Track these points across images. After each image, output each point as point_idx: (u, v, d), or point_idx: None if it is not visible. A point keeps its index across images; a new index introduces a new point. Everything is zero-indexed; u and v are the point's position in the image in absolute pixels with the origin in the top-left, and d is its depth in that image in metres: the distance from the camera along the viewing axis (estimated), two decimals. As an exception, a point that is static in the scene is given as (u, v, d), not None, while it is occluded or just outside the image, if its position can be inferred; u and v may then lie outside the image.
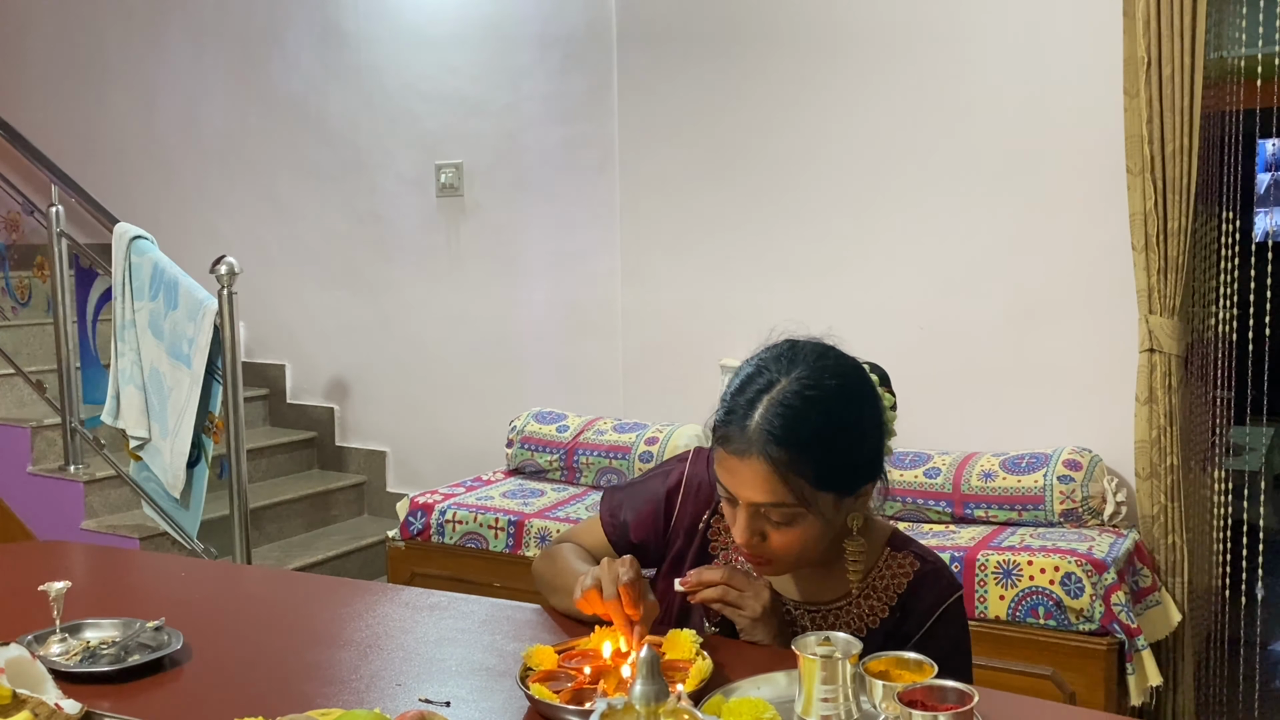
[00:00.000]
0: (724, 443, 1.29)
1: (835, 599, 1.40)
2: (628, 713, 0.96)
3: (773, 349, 1.33)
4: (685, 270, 3.71)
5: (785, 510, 1.27)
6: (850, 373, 1.33)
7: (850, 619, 1.39)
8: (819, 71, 3.44)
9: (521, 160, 4.02)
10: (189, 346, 3.23)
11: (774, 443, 1.24)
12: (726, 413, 1.30)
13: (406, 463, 4.37)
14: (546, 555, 1.58)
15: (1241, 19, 2.95)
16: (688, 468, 1.52)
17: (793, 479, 1.25)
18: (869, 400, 1.33)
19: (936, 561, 1.41)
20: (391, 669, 1.36)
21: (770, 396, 1.26)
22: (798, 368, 1.28)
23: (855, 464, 1.30)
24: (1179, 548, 2.88)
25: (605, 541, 1.55)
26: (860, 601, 1.39)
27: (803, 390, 1.26)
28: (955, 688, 1.08)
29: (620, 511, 1.55)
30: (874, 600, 1.39)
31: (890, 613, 1.38)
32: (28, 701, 1.17)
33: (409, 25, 4.19)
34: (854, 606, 1.39)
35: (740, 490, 1.28)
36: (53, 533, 3.70)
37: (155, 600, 1.70)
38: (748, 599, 1.33)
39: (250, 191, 4.65)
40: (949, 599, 1.38)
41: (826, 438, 1.26)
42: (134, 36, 4.89)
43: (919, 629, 1.36)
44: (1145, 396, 2.89)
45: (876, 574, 1.39)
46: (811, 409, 1.26)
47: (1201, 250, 3.00)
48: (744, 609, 1.33)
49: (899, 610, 1.38)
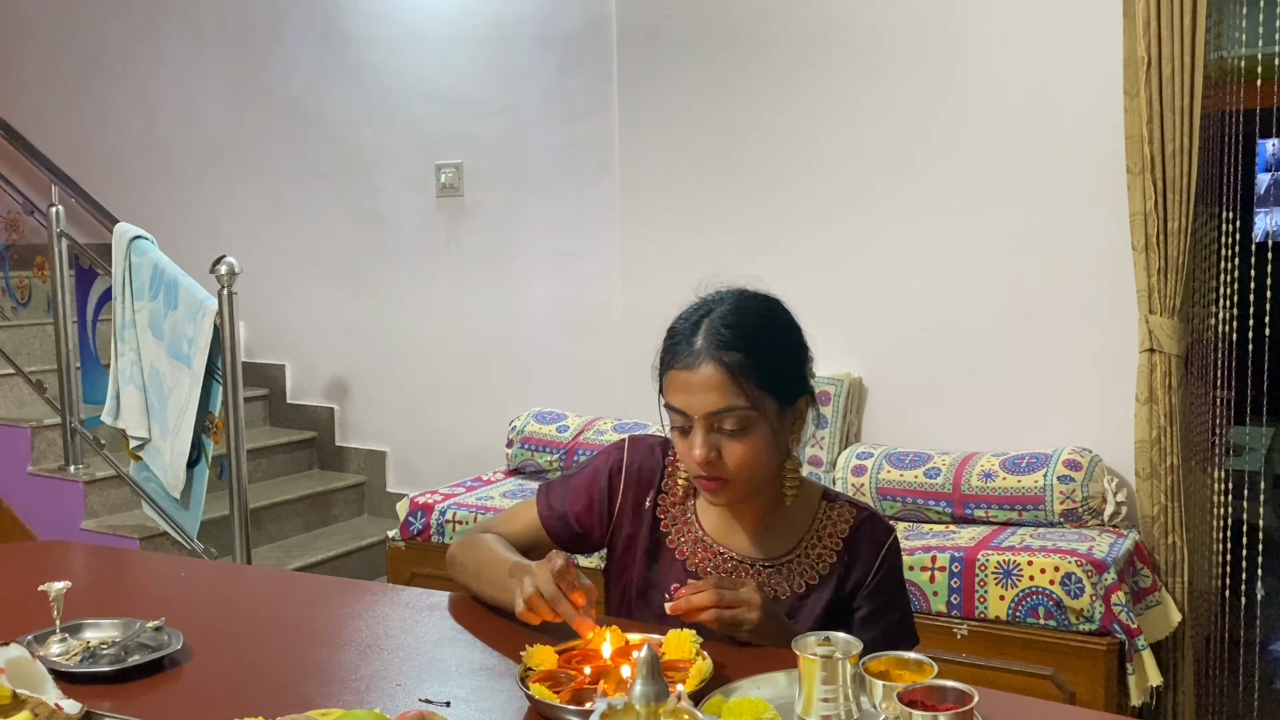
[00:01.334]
0: (672, 364, 1.42)
1: (786, 552, 1.50)
2: (628, 713, 0.96)
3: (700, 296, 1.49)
4: (685, 270, 3.69)
5: (738, 415, 1.38)
6: (772, 298, 1.50)
7: (803, 568, 1.49)
8: (819, 71, 3.44)
9: (521, 160, 4.02)
10: (189, 346, 3.23)
11: (722, 347, 1.38)
12: (670, 340, 1.44)
13: (406, 463, 4.37)
14: (467, 544, 1.60)
15: (1241, 19, 2.95)
16: (625, 454, 1.59)
17: (742, 380, 1.37)
18: (792, 318, 1.49)
19: (868, 508, 1.55)
20: (391, 669, 1.36)
21: (710, 318, 1.42)
22: (728, 298, 1.46)
23: (791, 370, 1.45)
24: (1179, 548, 2.88)
25: (539, 531, 1.59)
26: (808, 551, 1.50)
27: (737, 307, 1.44)
28: (955, 688, 1.09)
29: (560, 503, 1.59)
30: (820, 548, 1.50)
31: (837, 558, 1.49)
32: (28, 701, 1.17)
33: (409, 25, 4.19)
34: (803, 557, 1.50)
35: (695, 400, 1.38)
36: (53, 533, 3.70)
37: (155, 600, 1.70)
38: (741, 614, 1.34)
39: (250, 191, 4.65)
40: (887, 540, 1.51)
41: (765, 341, 1.41)
42: (134, 37, 4.89)
43: (869, 571, 1.49)
44: (1145, 396, 2.89)
45: (818, 524, 1.51)
46: (748, 318, 1.42)
47: (1201, 250, 3.00)
48: (741, 623, 1.34)
49: (845, 554, 1.49)
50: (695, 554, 1.51)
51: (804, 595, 1.47)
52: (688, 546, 1.52)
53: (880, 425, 3.43)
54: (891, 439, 3.37)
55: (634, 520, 1.55)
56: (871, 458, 3.18)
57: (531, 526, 1.60)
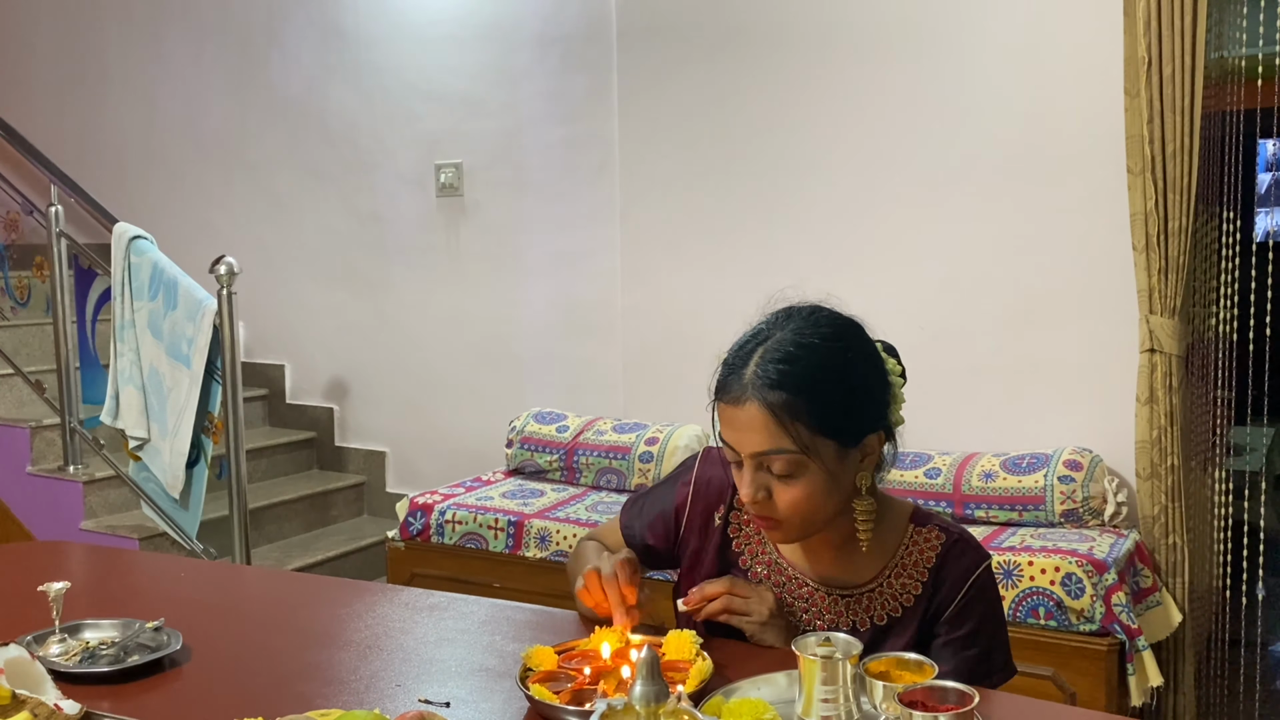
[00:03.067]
0: (722, 396, 1.32)
1: (868, 580, 1.39)
2: (628, 713, 0.96)
3: (770, 313, 1.38)
4: (685, 270, 3.71)
5: (786, 459, 1.27)
6: (844, 322, 1.36)
7: (885, 599, 1.37)
8: (819, 71, 3.44)
9: (521, 160, 4.02)
10: (188, 346, 3.23)
11: (768, 387, 1.27)
12: (724, 369, 1.33)
13: (406, 463, 4.37)
14: (574, 553, 1.62)
15: (1242, 19, 2.95)
16: (697, 468, 1.52)
17: (789, 423, 1.26)
18: (863, 348, 1.36)
19: (963, 532, 1.41)
20: (391, 669, 1.36)
21: (765, 347, 1.30)
22: (792, 322, 1.33)
23: (852, 409, 1.31)
24: (1179, 548, 2.88)
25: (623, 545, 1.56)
26: (892, 581, 1.38)
27: (796, 338, 1.30)
28: (955, 688, 1.08)
29: (636, 519, 1.56)
30: (905, 578, 1.37)
31: (923, 588, 1.37)
32: (27, 702, 1.17)
33: (409, 25, 4.19)
34: (886, 586, 1.38)
35: (740, 439, 1.30)
36: (52, 533, 3.70)
37: (155, 600, 1.70)
38: (753, 604, 1.33)
39: (250, 191, 4.65)
40: (980, 567, 1.37)
41: (820, 380, 1.28)
42: (134, 37, 4.89)
43: (953, 598, 1.35)
44: (1146, 397, 2.89)
45: (904, 551, 1.38)
46: (804, 353, 1.29)
47: (1202, 250, 3.00)
48: (750, 614, 1.33)
49: (931, 585, 1.36)
50: (767, 575, 1.43)
51: (886, 628, 1.37)
52: (762, 569, 1.44)
53: (880, 425, 3.42)
54: (892, 439, 3.36)
55: (701, 535, 1.49)
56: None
57: (619, 541, 1.57)
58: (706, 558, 1.47)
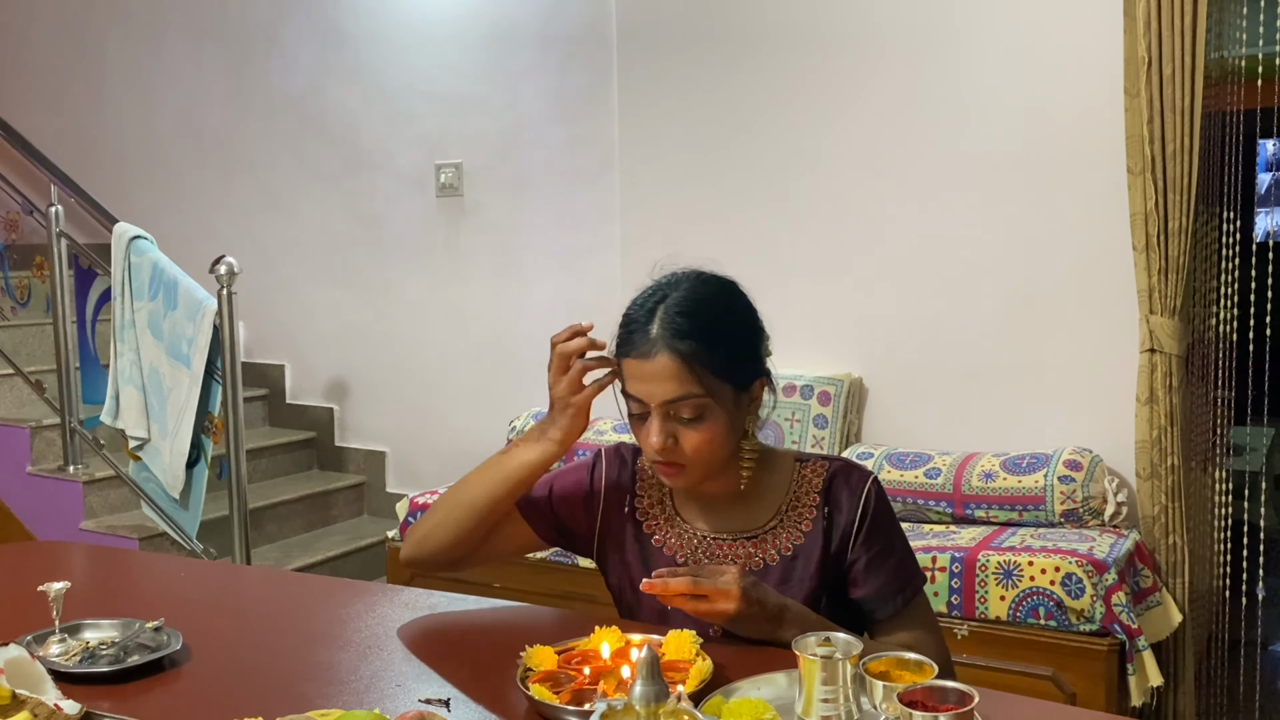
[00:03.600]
0: (628, 351, 1.41)
1: (766, 521, 1.50)
2: (628, 713, 0.96)
3: (656, 279, 1.48)
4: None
5: (694, 403, 1.38)
6: (727, 281, 1.49)
7: (786, 532, 1.48)
8: (819, 71, 3.44)
9: (521, 160, 4.02)
10: (188, 346, 3.23)
11: (677, 336, 1.38)
12: (626, 328, 1.43)
13: (406, 463, 4.37)
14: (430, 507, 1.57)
15: (1242, 19, 2.95)
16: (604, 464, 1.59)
17: (698, 368, 1.37)
18: (747, 302, 1.48)
19: (843, 459, 1.54)
20: (391, 669, 1.36)
21: (665, 305, 1.41)
22: (683, 282, 1.45)
23: (746, 355, 1.45)
24: (1180, 548, 2.88)
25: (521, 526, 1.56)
26: (788, 514, 1.49)
27: (692, 293, 1.43)
28: (956, 688, 1.08)
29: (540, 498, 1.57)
30: (800, 508, 1.49)
31: (816, 512, 1.48)
32: (27, 702, 1.17)
33: (409, 25, 4.19)
34: (785, 521, 1.49)
35: (651, 389, 1.39)
36: (52, 533, 3.70)
37: (155, 600, 1.70)
38: (719, 604, 1.32)
39: (250, 191, 4.65)
40: (866, 483, 1.48)
41: (720, 327, 1.41)
42: (134, 37, 4.89)
43: (854, 519, 1.46)
44: (1146, 397, 2.88)
45: (794, 486, 1.50)
46: (703, 306, 1.41)
47: (1202, 250, 3.00)
48: (717, 614, 1.33)
49: (824, 508, 1.48)
50: (678, 542, 1.51)
51: (793, 557, 1.46)
52: (674, 540, 1.52)
53: (880, 425, 3.43)
54: (891, 439, 3.37)
55: (618, 526, 1.56)
56: (871, 458, 3.17)
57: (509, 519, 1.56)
58: (626, 546, 1.55)
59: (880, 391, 3.44)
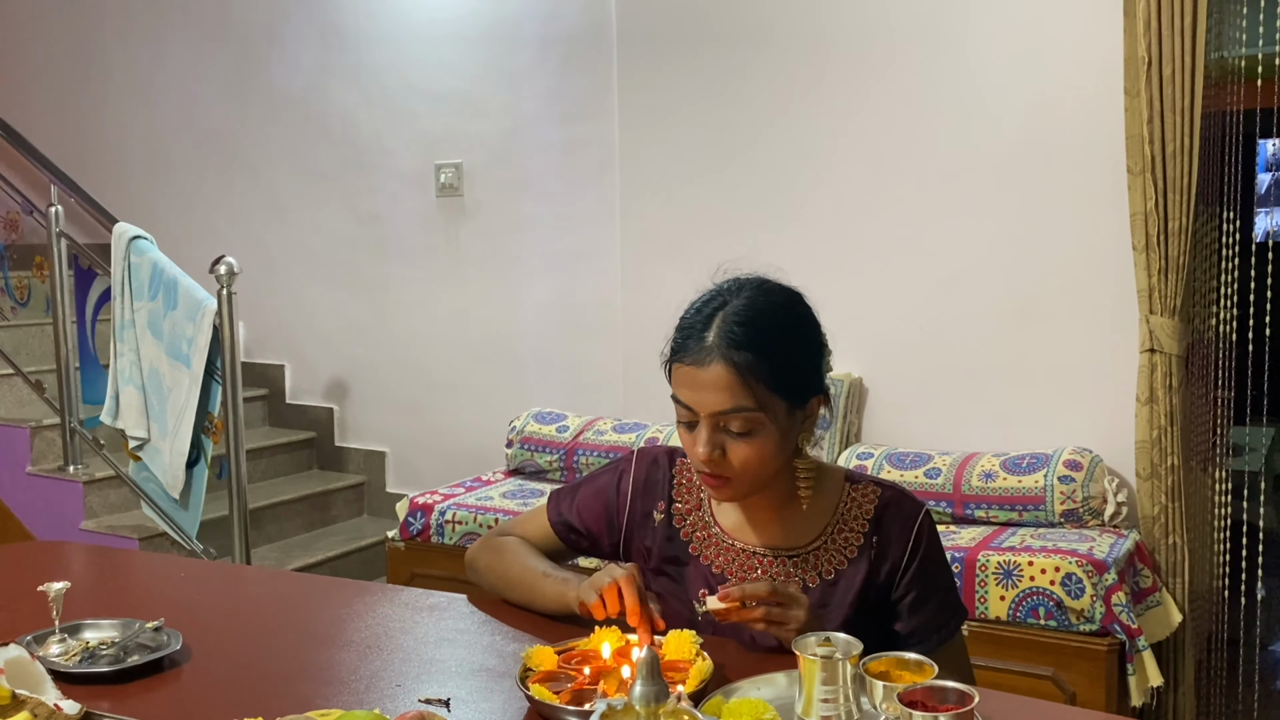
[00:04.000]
0: (682, 357, 1.37)
1: (810, 540, 1.45)
2: (628, 713, 0.96)
3: (718, 284, 1.43)
4: (685, 270, 3.70)
5: (745, 417, 1.34)
6: (791, 291, 1.44)
7: (829, 554, 1.44)
8: (819, 71, 3.44)
9: (521, 160, 4.02)
10: (188, 346, 3.23)
11: (733, 346, 1.33)
12: (682, 333, 1.39)
13: (406, 463, 4.37)
14: (489, 547, 1.62)
15: (1242, 19, 2.95)
16: (633, 467, 1.57)
17: (752, 382, 1.33)
18: (809, 314, 1.44)
19: (895, 486, 1.49)
20: (391, 669, 1.36)
21: (724, 312, 1.36)
22: (746, 290, 1.40)
23: (804, 371, 1.40)
24: (1179, 548, 2.88)
25: (551, 538, 1.60)
26: (834, 537, 1.45)
27: (752, 303, 1.37)
28: (955, 688, 1.08)
29: (569, 511, 1.59)
30: (847, 532, 1.45)
31: (864, 540, 1.44)
32: (27, 702, 1.17)
33: (409, 25, 4.19)
34: (829, 543, 1.45)
35: (702, 398, 1.34)
36: (52, 533, 3.70)
37: (155, 601, 1.70)
38: (791, 613, 1.32)
39: (250, 191, 4.65)
40: (919, 517, 1.45)
41: (779, 341, 1.36)
42: (134, 36, 4.89)
43: (904, 552, 1.43)
44: (1146, 397, 2.88)
45: (843, 508, 1.46)
46: (763, 317, 1.36)
47: (1202, 250, 3.00)
48: (788, 624, 1.31)
49: (873, 537, 1.44)
50: (717, 556, 1.48)
51: (834, 581, 1.42)
52: (710, 551, 1.48)
53: (880, 425, 3.43)
54: (891, 439, 3.37)
55: (643, 533, 1.53)
56: (871, 458, 3.17)
57: (544, 532, 1.60)
58: (654, 555, 1.52)
59: (880, 391, 3.44)
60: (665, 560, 1.50)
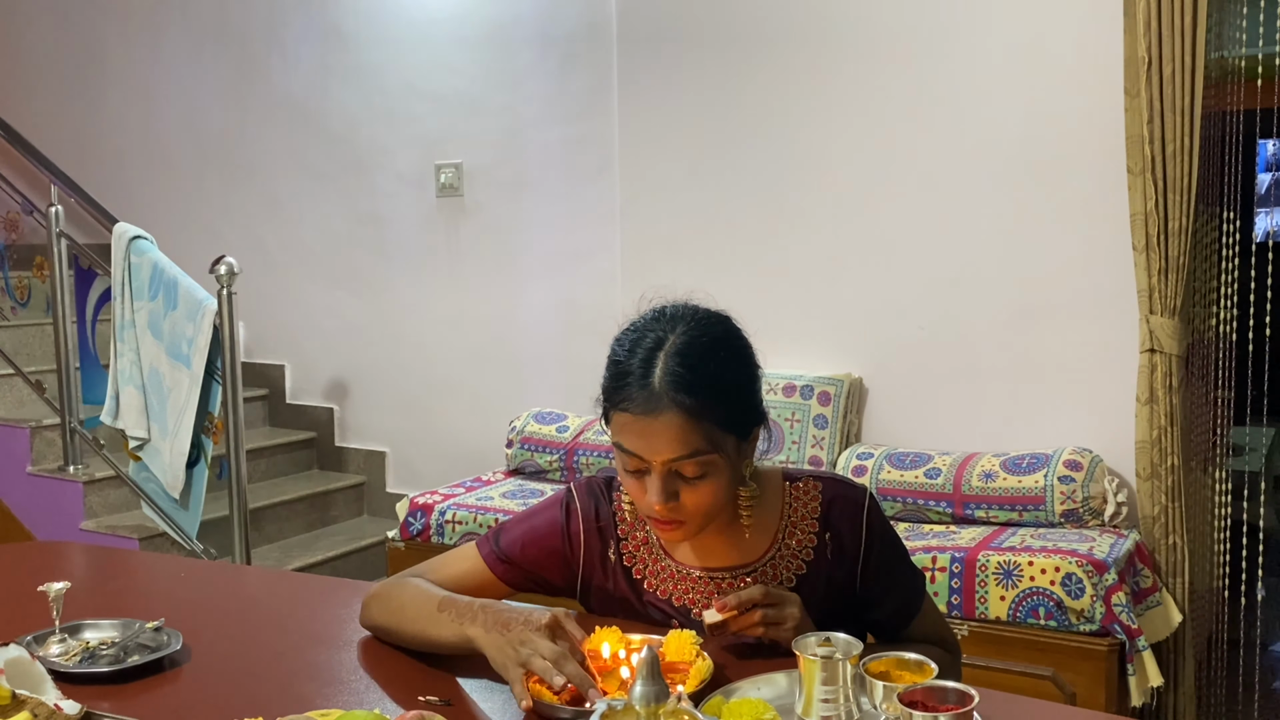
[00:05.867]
0: (625, 405, 1.29)
1: (764, 551, 1.42)
2: (628, 713, 0.96)
3: (644, 316, 1.38)
4: (685, 270, 3.70)
5: (699, 461, 1.28)
6: (724, 318, 1.38)
7: (787, 560, 1.42)
8: (819, 71, 3.44)
9: (521, 160, 4.02)
10: (188, 347, 3.23)
11: (683, 390, 1.27)
12: (619, 378, 1.31)
13: (406, 463, 4.37)
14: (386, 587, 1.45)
15: (1242, 19, 2.95)
16: (578, 502, 1.48)
17: (704, 424, 1.27)
18: (746, 342, 1.38)
19: (834, 477, 1.46)
20: (391, 669, 1.36)
21: (664, 351, 1.29)
22: (679, 324, 1.33)
23: (750, 404, 1.35)
24: (1179, 548, 2.88)
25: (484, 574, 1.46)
26: (787, 542, 1.42)
27: (693, 340, 1.31)
28: (955, 688, 1.08)
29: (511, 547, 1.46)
30: (799, 535, 1.42)
31: (817, 539, 1.42)
32: (27, 702, 1.17)
33: (409, 25, 4.19)
34: (784, 549, 1.42)
35: (654, 448, 1.28)
36: (52, 533, 3.70)
37: (155, 601, 1.70)
38: (786, 610, 1.31)
39: (250, 191, 4.65)
40: (865, 505, 1.42)
41: (726, 378, 1.31)
42: (133, 36, 4.89)
43: (859, 546, 1.41)
44: (1146, 397, 2.88)
45: (789, 510, 1.43)
46: (707, 354, 1.30)
47: (1202, 250, 3.00)
48: (784, 623, 1.31)
49: (825, 534, 1.42)
50: (674, 587, 1.44)
51: (795, 587, 1.39)
52: (669, 584, 1.44)
53: (880, 425, 3.43)
54: (891, 439, 3.37)
55: (602, 573, 1.46)
56: (871, 458, 3.17)
57: (473, 571, 1.46)
58: (614, 595, 1.46)
59: (880, 391, 3.44)
60: (624, 599, 1.46)
